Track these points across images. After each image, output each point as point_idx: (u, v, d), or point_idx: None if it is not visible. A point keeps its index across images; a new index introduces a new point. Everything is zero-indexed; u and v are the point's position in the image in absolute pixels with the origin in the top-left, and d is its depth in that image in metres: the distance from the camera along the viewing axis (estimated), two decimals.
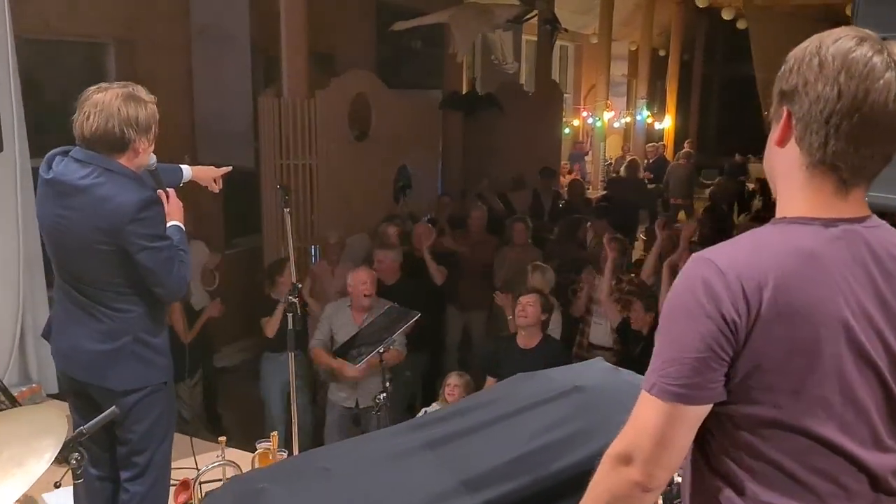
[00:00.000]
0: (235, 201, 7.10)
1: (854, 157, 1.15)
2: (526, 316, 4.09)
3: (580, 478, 1.69)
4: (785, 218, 1.21)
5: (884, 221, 1.23)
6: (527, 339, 4.15)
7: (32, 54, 5.00)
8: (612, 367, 2.03)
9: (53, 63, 5.87)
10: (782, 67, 1.23)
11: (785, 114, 1.20)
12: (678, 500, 1.79)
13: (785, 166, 1.22)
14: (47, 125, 4.78)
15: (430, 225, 6.33)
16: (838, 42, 1.15)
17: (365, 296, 4.36)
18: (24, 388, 4.16)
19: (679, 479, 1.90)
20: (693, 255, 1.20)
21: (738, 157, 14.27)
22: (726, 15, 14.32)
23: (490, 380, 4.10)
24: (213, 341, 5.57)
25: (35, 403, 4.16)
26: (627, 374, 1.97)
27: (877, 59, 1.13)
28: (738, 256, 1.15)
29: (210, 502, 1.53)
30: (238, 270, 6.69)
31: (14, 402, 3.64)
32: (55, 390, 4.33)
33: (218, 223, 6.81)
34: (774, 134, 1.23)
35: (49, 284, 4.29)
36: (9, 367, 4.12)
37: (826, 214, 1.17)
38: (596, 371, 1.96)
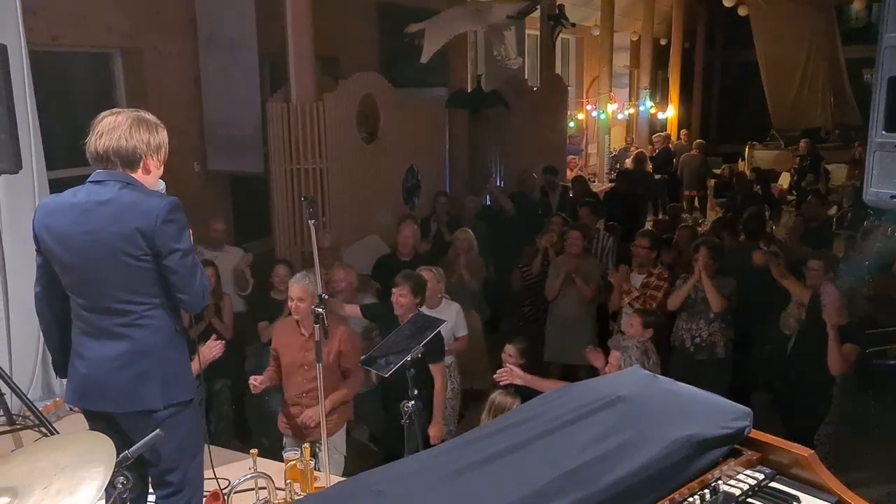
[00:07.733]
0: (244, 206, 7.12)
1: None
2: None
3: (631, 490, 1.70)
4: None
5: None
6: None
7: (40, 66, 5.00)
8: (651, 374, 2.03)
9: (61, 74, 5.87)
10: None
11: None
12: None
13: None
14: (57, 137, 4.79)
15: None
16: None
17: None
18: (48, 403, 4.20)
19: (725, 488, 1.90)
20: None
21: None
22: (727, 2, 14.26)
23: None
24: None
25: (59, 418, 4.19)
26: (667, 382, 1.97)
27: None
28: None
29: None
30: None
31: (42, 419, 3.65)
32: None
33: (227, 228, 6.80)
34: None
35: None
36: (32, 382, 4.15)
37: None
38: (636, 380, 1.97)
